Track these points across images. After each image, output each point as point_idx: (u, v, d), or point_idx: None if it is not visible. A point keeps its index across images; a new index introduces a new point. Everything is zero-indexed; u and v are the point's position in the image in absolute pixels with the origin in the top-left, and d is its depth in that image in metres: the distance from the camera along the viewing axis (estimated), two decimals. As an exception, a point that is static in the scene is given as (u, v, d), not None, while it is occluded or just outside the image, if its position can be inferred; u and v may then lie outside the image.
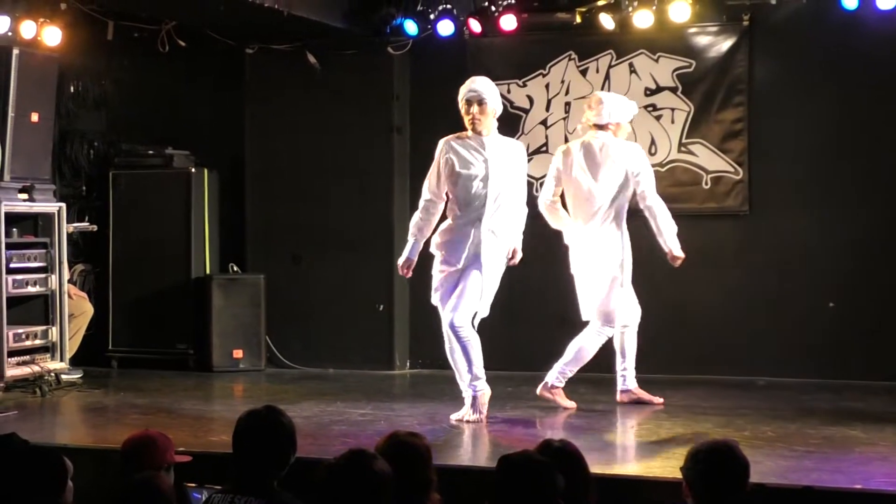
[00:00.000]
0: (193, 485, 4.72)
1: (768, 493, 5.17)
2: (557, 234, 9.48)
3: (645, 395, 7.98)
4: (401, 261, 7.62)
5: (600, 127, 7.92)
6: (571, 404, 7.80)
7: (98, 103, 10.76)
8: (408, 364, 10.30)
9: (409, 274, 7.64)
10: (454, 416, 7.36)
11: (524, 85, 9.94)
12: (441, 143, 7.54)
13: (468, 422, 7.26)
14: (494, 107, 7.40)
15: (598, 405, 7.91)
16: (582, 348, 7.85)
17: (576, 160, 7.91)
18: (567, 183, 7.97)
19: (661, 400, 7.98)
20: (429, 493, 4.01)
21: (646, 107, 9.58)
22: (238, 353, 10.16)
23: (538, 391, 7.88)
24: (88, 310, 9.72)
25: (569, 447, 4.18)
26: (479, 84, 7.40)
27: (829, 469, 5.90)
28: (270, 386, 9.47)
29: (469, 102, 7.36)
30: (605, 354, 8.32)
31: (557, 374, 7.87)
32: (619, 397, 8.01)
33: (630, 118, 8.14)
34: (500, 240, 7.41)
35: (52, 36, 9.25)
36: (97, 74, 10.64)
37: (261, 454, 3.98)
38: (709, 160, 9.55)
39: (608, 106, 7.94)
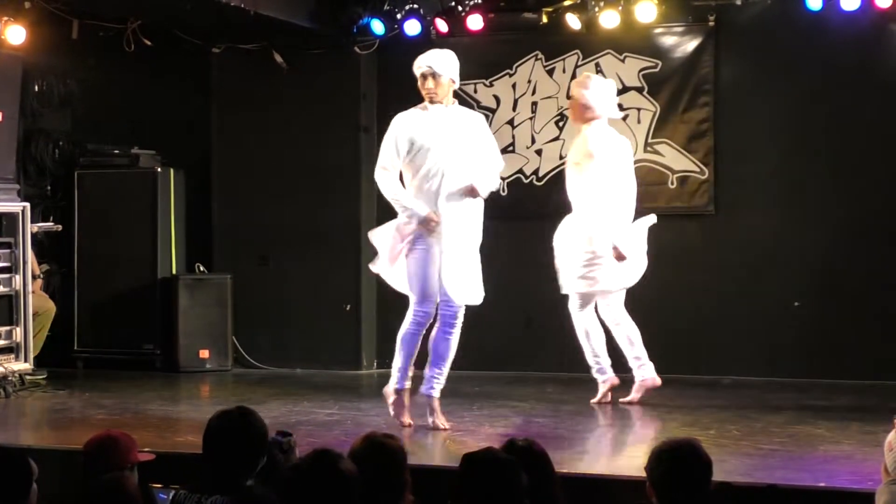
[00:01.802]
0: (159, 485, 4.70)
1: (734, 492, 5.19)
2: (526, 234, 9.52)
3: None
4: (422, 218, 7.06)
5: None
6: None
7: (63, 102, 10.69)
8: (375, 364, 10.29)
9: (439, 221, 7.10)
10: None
11: (491, 85, 9.96)
12: (397, 117, 7.38)
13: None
14: (451, 77, 7.25)
15: (564, 405, 7.92)
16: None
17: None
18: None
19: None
20: (404, 494, 4.01)
21: (613, 106, 9.60)
22: (205, 354, 10.13)
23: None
24: (51, 308, 9.66)
25: (534, 446, 4.18)
26: (433, 57, 7.25)
27: (793, 467, 5.93)
28: (237, 386, 9.45)
29: (424, 77, 7.26)
30: (573, 354, 8.35)
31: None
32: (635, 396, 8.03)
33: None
34: (465, 211, 7.16)
35: (16, 34, 9.18)
36: (62, 73, 10.58)
37: (232, 455, 3.96)
38: (675, 160, 9.58)
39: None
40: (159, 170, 10.25)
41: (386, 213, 10.28)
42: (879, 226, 9.20)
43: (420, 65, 7.26)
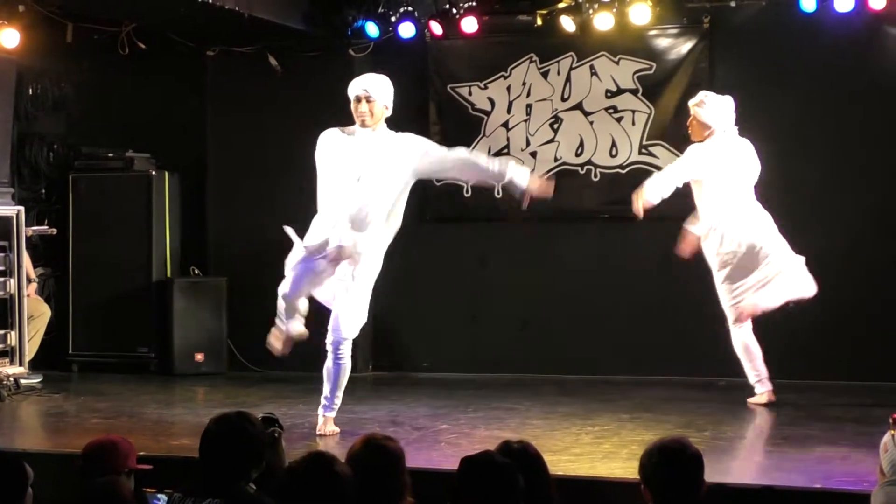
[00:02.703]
0: (153, 490, 4.69)
1: (729, 493, 5.19)
2: (520, 238, 9.52)
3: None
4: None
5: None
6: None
7: (57, 106, 10.69)
8: (370, 367, 10.29)
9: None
10: None
11: (485, 87, 9.96)
12: (323, 134, 7.26)
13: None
14: (384, 104, 7.13)
15: (559, 406, 7.92)
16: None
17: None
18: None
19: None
20: (403, 496, 4.01)
21: (607, 109, 9.63)
22: (199, 357, 10.12)
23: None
24: (46, 311, 9.66)
25: (529, 448, 4.18)
26: (369, 81, 7.14)
27: (789, 468, 5.93)
28: (232, 389, 9.43)
29: (358, 100, 7.12)
30: (567, 356, 8.36)
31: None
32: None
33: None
34: (370, 244, 7.14)
35: (10, 38, 9.18)
36: (56, 77, 10.57)
37: (229, 459, 3.95)
38: (669, 162, 9.54)
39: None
40: (154, 173, 10.24)
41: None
42: (875, 227, 9.21)
43: (355, 88, 7.11)
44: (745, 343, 8.00)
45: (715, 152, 7.95)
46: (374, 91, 7.06)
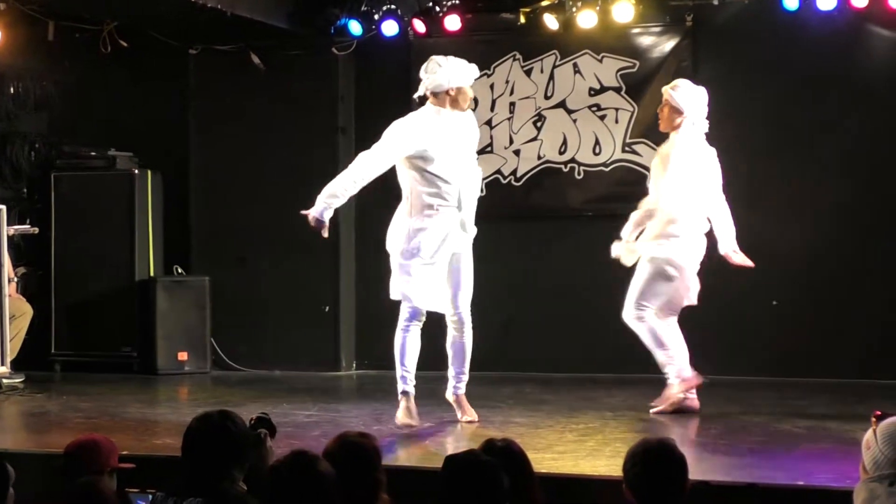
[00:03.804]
0: (136, 490, 4.68)
1: (712, 491, 5.20)
2: (504, 236, 9.51)
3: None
4: None
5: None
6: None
7: (39, 104, 10.66)
8: (354, 365, 10.29)
9: None
10: None
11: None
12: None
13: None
14: None
15: (543, 404, 7.92)
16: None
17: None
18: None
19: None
20: (378, 493, 4.00)
21: (590, 107, 9.64)
22: (183, 356, 10.10)
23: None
24: (28, 311, 9.62)
25: (513, 446, 4.18)
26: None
27: (772, 466, 5.94)
28: (216, 388, 9.42)
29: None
30: (551, 354, 8.36)
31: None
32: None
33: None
34: None
35: (-9, 36, 9.15)
36: (38, 75, 10.54)
37: (212, 458, 3.94)
38: (651, 160, 9.58)
39: None
40: (136, 171, 10.21)
41: (364, 213, 10.32)
42: (858, 225, 9.23)
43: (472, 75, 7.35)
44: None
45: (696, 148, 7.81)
46: None
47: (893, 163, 9.17)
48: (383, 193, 10.32)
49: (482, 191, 8.62)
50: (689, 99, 7.64)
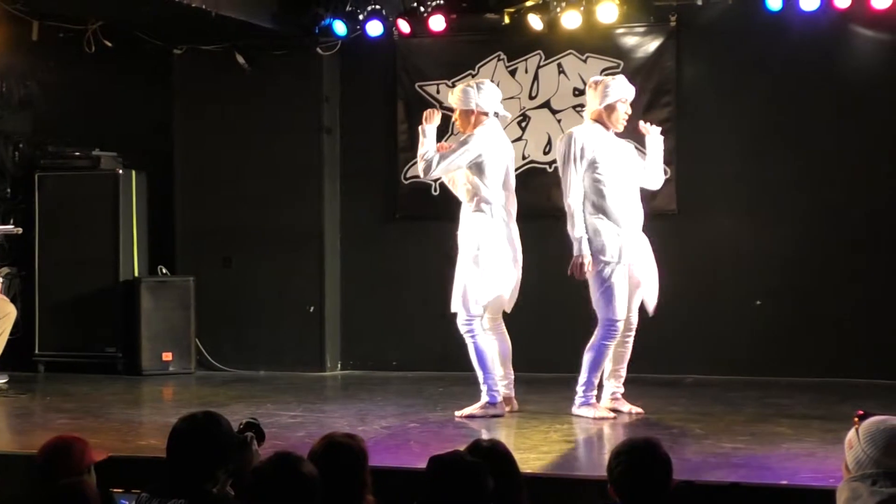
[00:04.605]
0: (120, 490, 4.67)
1: (696, 490, 5.21)
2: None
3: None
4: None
5: None
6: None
7: (23, 104, 10.63)
8: (339, 365, 10.28)
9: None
10: None
11: (453, 85, 9.88)
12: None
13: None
14: None
15: (528, 405, 7.93)
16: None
17: None
18: None
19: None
20: (364, 494, 4.00)
21: (574, 107, 9.64)
22: (167, 356, 10.08)
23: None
24: (12, 311, 9.57)
25: (498, 447, 4.19)
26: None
27: (756, 465, 5.96)
28: (200, 389, 9.40)
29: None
30: (534, 354, 8.37)
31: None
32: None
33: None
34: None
35: (-25, 36, 9.12)
36: (22, 75, 10.51)
37: (196, 458, 3.94)
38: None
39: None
40: (121, 171, 10.19)
41: (349, 214, 10.32)
42: (840, 225, 9.26)
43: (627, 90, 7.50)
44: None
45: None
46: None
47: (875, 164, 9.20)
48: (368, 194, 10.37)
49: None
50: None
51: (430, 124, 7.63)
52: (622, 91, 7.51)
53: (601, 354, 7.46)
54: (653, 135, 7.76)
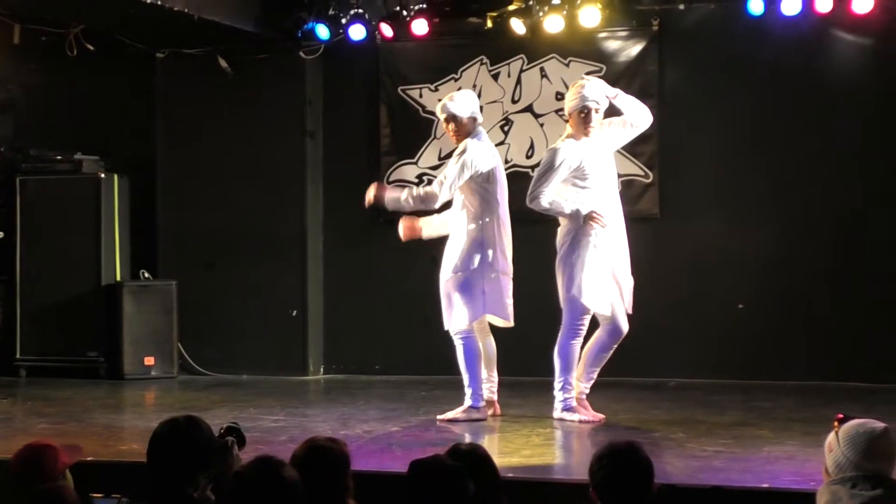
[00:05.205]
0: (100, 495, 4.65)
1: (678, 493, 5.22)
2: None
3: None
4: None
5: None
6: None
7: (4, 107, 10.61)
8: (322, 369, 10.27)
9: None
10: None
11: (436, 89, 9.95)
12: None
13: None
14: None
15: (508, 408, 7.93)
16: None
17: None
18: None
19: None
20: (346, 499, 4.00)
21: (557, 111, 9.65)
22: (150, 361, 10.05)
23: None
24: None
25: (478, 450, 4.19)
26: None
27: (737, 469, 5.97)
28: (183, 393, 9.38)
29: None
30: (515, 358, 8.38)
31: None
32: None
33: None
34: None
35: (-44, 39, 9.09)
36: (3, 78, 10.50)
37: (177, 463, 3.93)
38: (620, 164, 9.53)
39: None
40: (103, 175, 10.16)
41: (332, 218, 10.31)
42: (822, 228, 9.29)
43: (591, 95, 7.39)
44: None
45: None
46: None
47: (857, 166, 9.23)
48: (351, 198, 10.35)
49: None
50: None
51: (377, 196, 7.69)
52: (593, 97, 7.39)
53: (570, 352, 7.41)
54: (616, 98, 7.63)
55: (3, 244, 10.16)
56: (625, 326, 7.55)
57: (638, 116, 7.61)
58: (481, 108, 9.77)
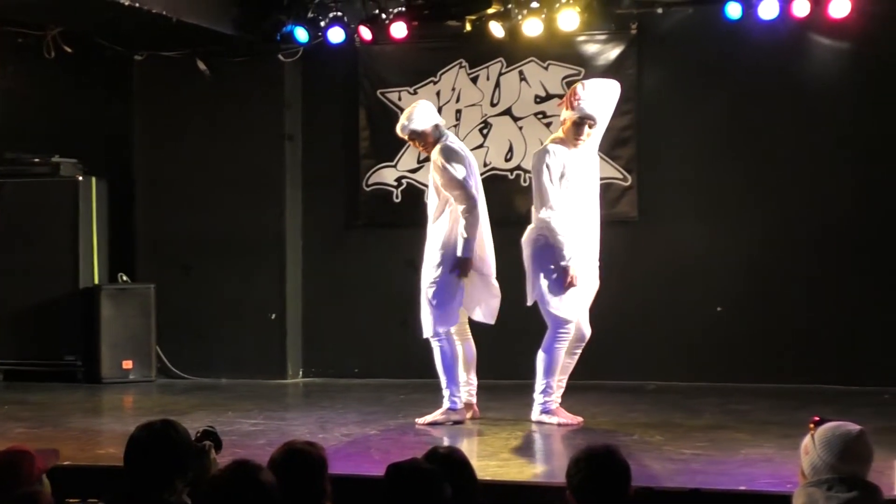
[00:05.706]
0: (77, 500, 4.64)
1: (656, 496, 5.23)
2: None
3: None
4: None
5: None
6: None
7: (-19, 110, 10.55)
8: (300, 373, 10.26)
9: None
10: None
11: (415, 93, 9.96)
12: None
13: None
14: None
15: (489, 411, 7.94)
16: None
17: None
18: None
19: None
20: (323, 502, 4.00)
21: (536, 114, 9.68)
22: (128, 364, 10.03)
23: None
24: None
25: (456, 454, 4.18)
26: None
27: (715, 471, 5.99)
28: (161, 397, 9.36)
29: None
30: (494, 360, 8.38)
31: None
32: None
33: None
34: None
35: (-68, 42, 9.05)
36: (-20, 81, 10.44)
37: (154, 467, 3.92)
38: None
39: None
40: (81, 178, 10.13)
41: (311, 221, 10.29)
42: (801, 231, 9.33)
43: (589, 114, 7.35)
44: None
45: None
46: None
47: (835, 170, 9.27)
48: (330, 201, 10.36)
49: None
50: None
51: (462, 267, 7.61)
52: (593, 112, 7.37)
53: (554, 357, 7.43)
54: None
55: (-20, 247, 10.11)
56: (587, 331, 7.57)
57: (612, 97, 7.63)
58: (459, 111, 9.87)
